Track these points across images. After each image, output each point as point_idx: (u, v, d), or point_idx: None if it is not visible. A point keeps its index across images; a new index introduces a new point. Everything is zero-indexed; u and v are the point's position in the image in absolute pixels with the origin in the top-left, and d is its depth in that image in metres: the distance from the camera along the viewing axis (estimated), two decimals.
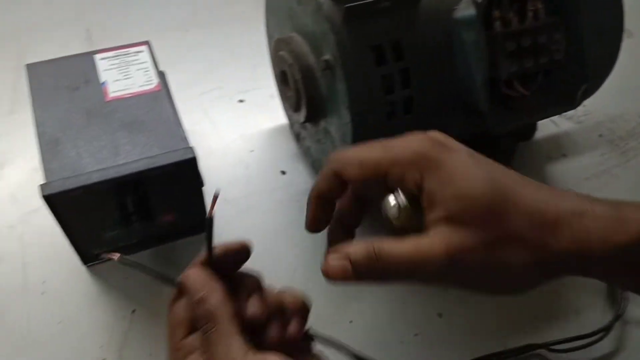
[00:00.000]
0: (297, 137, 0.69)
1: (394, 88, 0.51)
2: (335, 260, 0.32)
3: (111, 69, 0.55)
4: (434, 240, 0.31)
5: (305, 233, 0.40)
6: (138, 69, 0.55)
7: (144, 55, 0.56)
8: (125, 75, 0.54)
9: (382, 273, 0.31)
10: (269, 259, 0.60)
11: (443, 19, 0.51)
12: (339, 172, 0.35)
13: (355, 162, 0.34)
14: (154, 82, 0.53)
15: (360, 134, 0.52)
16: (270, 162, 0.70)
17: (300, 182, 0.69)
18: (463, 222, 0.31)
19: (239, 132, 0.74)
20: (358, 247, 0.32)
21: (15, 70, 0.78)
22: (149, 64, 0.55)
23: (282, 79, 0.60)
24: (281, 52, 0.58)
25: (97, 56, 0.55)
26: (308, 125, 0.62)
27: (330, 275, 0.32)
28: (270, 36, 0.65)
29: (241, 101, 0.78)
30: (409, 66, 0.51)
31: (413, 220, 0.33)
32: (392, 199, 0.34)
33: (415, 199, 0.33)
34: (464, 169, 0.32)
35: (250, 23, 0.78)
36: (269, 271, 0.38)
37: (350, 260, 0.32)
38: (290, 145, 0.72)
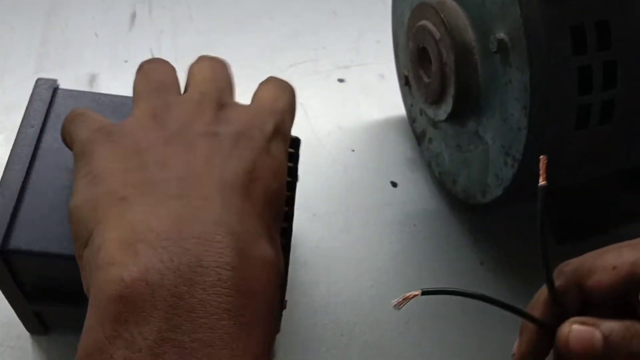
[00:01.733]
0: (421, 137, 0.64)
1: (591, 86, 0.46)
2: (580, 326, 0.33)
3: None
4: None
5: (422, 271, 0.44)
6: None
7: None
8: None
9: None
10: (370, 302, 0.56)
11: None
12: (580, 282, 0.36)
13: (608, 266, 0.35)
14: None
15: (535, 146, 0.47)
16: (376, 167, 0.65)
17: (417, 199, 0.64)
18: None
19: (336, 123, 0.68)
20: (613, 322, 0.34)
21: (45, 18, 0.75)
22: None
23: (420, 58, 0.55)
24: (424, 22, 0.53)
25: None
26: (444, 124, 0.57)
27: (570, 346, 0.33)
28: None
29: (341, 81, 0.73)
30: (616, 58, 0.45)
31: None
32: None
33: None
34: None
35: None
36: (371, 319, 0.41)
37: (601, 330, 0.33)
38: (406, 146, 0.67)
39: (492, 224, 0.61)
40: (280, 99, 0.40)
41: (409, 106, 0.66)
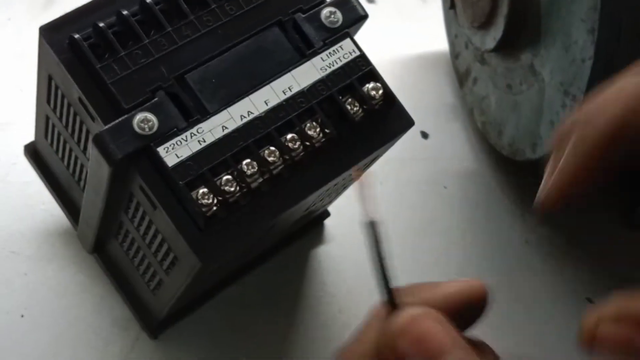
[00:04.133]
0: (464, 77, 0.64)
1: None
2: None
3: None
4: None
5: (450, 244, 0.43)
6: None
7: None
8: None
9: None
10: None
11: None
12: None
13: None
14: None
15: (600, 79, 0.45)
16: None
17: (451, 155, 0.65)
18: None
19: None
20: None
21: None
22: None
23: None
24: None
25: None
26: (494, 56, 0.57)
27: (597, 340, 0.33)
28: None
29: (371, 1, 0.74)
30: None
31: None
32: None
33: None
34: None
35: None
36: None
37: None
38: (445, 89, 0.68)
39: None
40: None
41: (452, 37, 0.66)
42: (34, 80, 0.43)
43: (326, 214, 0.57)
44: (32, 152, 0.51)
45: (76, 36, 0.36)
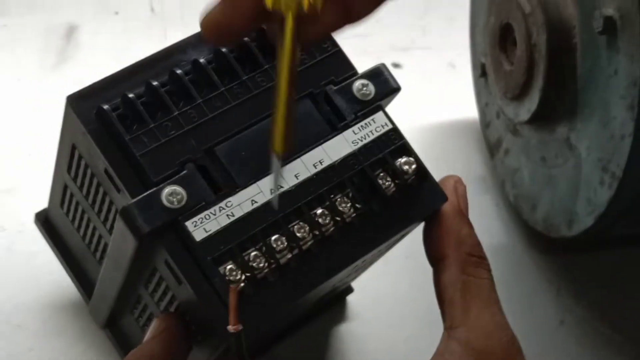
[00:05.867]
0: (495, 148, 0.65)
1: None
2: None
3: None
4: None
5: None
6: None
7: None
8: None
9: None
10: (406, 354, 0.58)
11: None
12: None
13: None
14: None
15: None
16: None
17: (482, 230, 0.61)
18: None
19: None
20: None
21: None
22: None
23: (502, 38, 0.57)
24: None
25: None
26: (528, 128, 0.58)
27: None
28: None
29: (396, 66, 0.75)
30: None
31: None
32: None
33: None
34: None
35: None
36: None
37: None
38: (474, 159, 0.69)
39: (579, 269, 0.62)
40: None
41: (483, 105, 0.67)
42: (43, 144, 0.44)
43: (349, 290, 0.58)
44: (44, 221, 0.53)
45: (105, 107, 0.38)
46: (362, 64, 0.70)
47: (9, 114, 0.67)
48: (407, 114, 0.70)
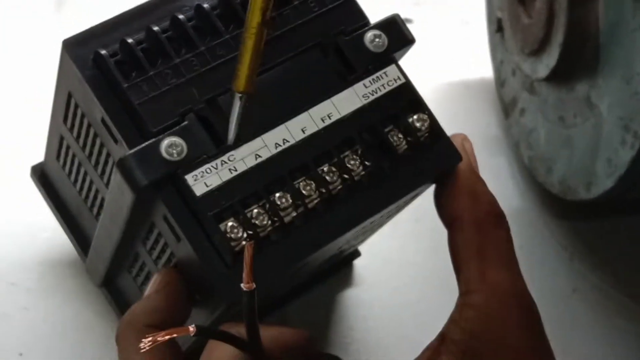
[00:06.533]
0: (510, 107, 0.65)
1: None
2: None
3: None
4: None
5: None
6: None
7: None
8: None
9: None
10: (414, 324, 0.58)
11: None
12: None
13: None
14: None
15: None
16: None
17: (497, 191, 0.61)
18: None
19: None
20: None
21: None
22: None
23: None
24: None
25: None
26: (546, 86, 0.58)
27: None
28: None
29: (407, 21, 0.71)
30: None
31: None
32: None
33: None
34: None
35: None
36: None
37: None
38: (488, 120, 0.69)
39: (593, 235, 0.62)
40: None
41: (498, 63, 0.67)
42: (40, 94, 0.43)
43: (357, 254, 0.57)
44: (40, 175, 0.52)
45: (102, 52, 0.37)
46: (369, 16, 0.71)
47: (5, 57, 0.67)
48: (418, 72, 0.70)
